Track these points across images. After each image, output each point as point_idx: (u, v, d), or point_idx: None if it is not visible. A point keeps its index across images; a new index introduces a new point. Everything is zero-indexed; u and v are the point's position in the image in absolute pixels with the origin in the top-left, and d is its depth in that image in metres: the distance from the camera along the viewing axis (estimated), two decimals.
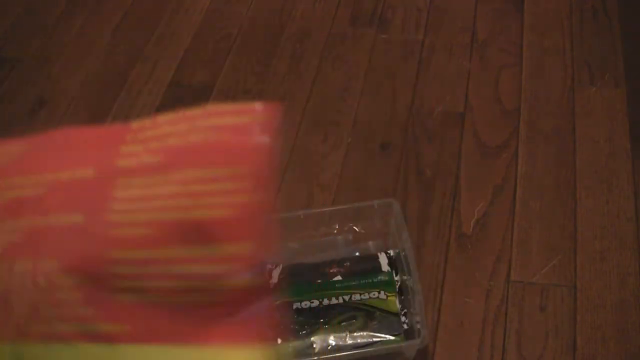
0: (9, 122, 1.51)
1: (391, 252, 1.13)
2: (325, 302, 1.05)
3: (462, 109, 1.40)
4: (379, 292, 1.05)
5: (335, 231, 1.17)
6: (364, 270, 1.11)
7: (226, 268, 0.35)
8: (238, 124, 0.39)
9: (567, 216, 1.21)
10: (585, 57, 1.46)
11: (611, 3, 1.55)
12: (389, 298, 1.04)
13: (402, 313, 1.05)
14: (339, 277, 1.10)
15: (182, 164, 0.37)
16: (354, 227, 1.17)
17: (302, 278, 1.11)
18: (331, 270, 1.12)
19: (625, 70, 1.42)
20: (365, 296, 1.05)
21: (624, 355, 1.05)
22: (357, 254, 1.16)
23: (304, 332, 1.02)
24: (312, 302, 1.05)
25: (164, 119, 0.40)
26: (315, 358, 0.98)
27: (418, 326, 0.99)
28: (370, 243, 1.17)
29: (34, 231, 0.37)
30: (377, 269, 1.11)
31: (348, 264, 1.12)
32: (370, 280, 1.07)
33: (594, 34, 1.50)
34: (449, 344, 1.09)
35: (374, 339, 1.00)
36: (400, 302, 1.06)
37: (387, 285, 1.06)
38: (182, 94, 1.51)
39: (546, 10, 1.56)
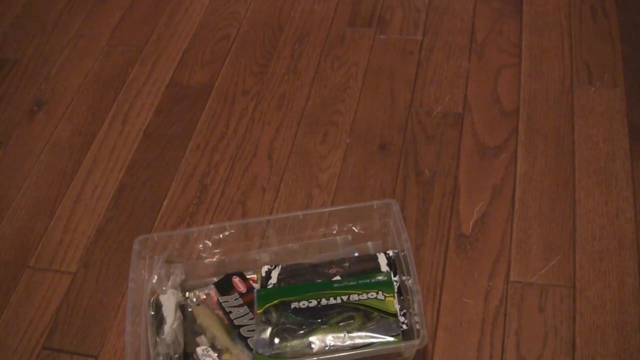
0: (8, 122, 1.51)
1: (390, 253, 1.13)
2: (324, 302, 1.05)
3: (461, 109, 1.40)
4: (377, 293, 1.05)
5: (335, 231, 1.17)
6: (363, 270, 1.11)
7: None
8: None
9: (566, 216, 1.21)
10: (584, 57, 1.46)
11: (610, 3, 1.55)
12: (387, 299, 1.04)
13: (402, 313, 1.05)
14: (337, 277, 1.10)
15: None
16: (353, 228, 1.17)
17: (301, 278, 1.11)
18: (330, 271, 1.11)
19: (624, 70, 1.42)
20: (364, 296, 1.05)
21: (623, 355, 1.05)
22: (356, 254, 1.15)
23: (302, 331, 1.02)
24: (310, 302, 1.05)
25: None
26: (315, 358, 0.98)
27: (417, 326, 0.99)
28: (370, 243, 1.17)
29: None
30: (376, 269, 1.11)
31: (347, 264, 1.12)
32: (368, 281, 1.07)
33: (593, 34, 1.50)
34: (448, 344, 1.09)
35: (372, 340, 1.00)
36: (400, 302, 1.06)
37: (386, 285, 1.06)
38: (181, 95, 1.51)
39: (545, 11, 1.56)
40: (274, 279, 1.12)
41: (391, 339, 1.00)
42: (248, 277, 1.15)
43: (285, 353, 1.00)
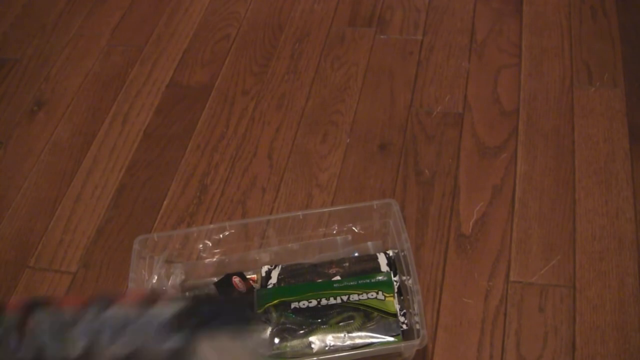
0: (8, 122, 1.51)
1: (390, 253, 1.13)
2: (324, 302, 1.05)
3: (461, 109, 1.40)
4: (377, 293, 1.05)
5: (335, 232, 1.17)
6: (363, 270, 1.11)
7: None
8: None
9: (566, 216, 1.21)
10: (584, 57, 1.46)
11: (610, 3, 1.55)
12: (387, 299, 1.04)
13: (402, 313, 1.05)
14: (337, 277, 1.10)
15: None
16: (353, 228, 1.17)
17: (301, 278, 1.11)
18: (330, 271, 1.11)
19: (624, 70, 1.42)
20: (364, 296, 1.05)
21: (623, 355, 1.05)
22: (356, 254, 1.15)
23: (302, 331, 1.02)
24: (310, 302, 1.05)
25: None
26: (315, 358, 0.98)
27: (417, 326, 0.99)
28: (370, 243, 1.17)
29: None
30: (376, 269, 1.11)
31: (347, 264, 1.12)
32: (368, 281, 1.07)
33: (593, 34, 1.50)
34: (448, 344, 1.09)
35: (372, 340, 1.00)
36: (400, 302, 1.06)
37: (386, 285, 1.06)
38: (181, 95, 1.51)
39: (545, 11, 1.56)
40: (274, 279, 1.12)
41: (391, 339, 1.00)
42: (248, 277, 1.15)
43: (285, 353, 1.00)
